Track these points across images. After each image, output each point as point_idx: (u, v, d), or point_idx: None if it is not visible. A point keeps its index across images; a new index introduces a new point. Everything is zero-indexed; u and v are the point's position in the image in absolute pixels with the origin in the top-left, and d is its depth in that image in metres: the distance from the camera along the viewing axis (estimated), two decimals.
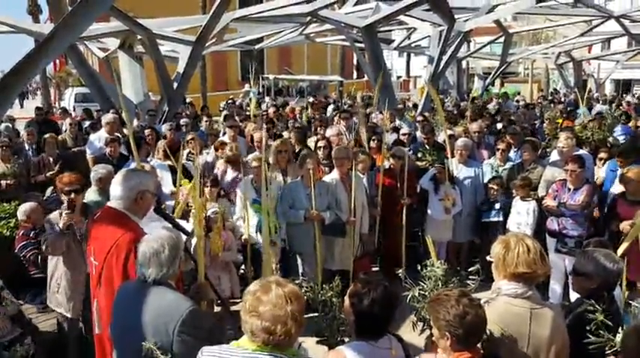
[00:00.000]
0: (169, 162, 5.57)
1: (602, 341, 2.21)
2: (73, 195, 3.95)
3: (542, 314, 2.27)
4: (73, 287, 3.86)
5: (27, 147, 7.80)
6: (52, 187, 5.85)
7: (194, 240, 3.42)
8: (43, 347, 3.75)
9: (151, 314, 2.26)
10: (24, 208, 4.61)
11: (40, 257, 4.35)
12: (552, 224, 4.93)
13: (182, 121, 8.76)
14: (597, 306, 2.31)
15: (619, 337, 2.20)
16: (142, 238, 2.44)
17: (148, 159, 5.87)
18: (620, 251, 3.23)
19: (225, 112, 12.40)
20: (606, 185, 5.64)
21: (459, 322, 2.00)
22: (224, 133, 7.55)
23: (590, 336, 2.24)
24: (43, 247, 3.82)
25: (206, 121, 8.96)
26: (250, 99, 12.85)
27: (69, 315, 3.96)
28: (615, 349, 2.17)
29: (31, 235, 4.43)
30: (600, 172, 5.99)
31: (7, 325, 3.44)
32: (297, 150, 6.07)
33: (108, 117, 7.46)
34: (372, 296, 2.22)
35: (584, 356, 2.26)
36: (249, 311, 1.78)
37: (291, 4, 11.88)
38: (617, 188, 5.21)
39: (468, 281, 2.74)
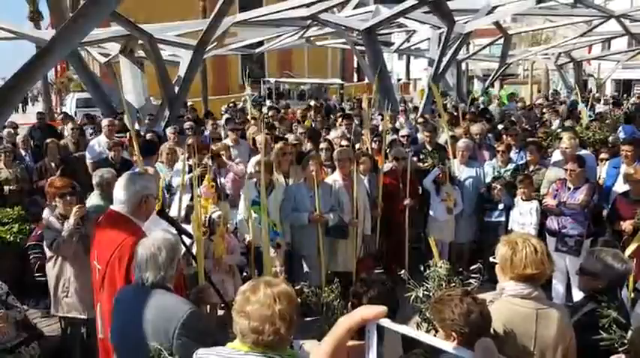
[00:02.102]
0: (193, 161, 5.57)
1: (615, 338, 2.20)
2: (68, 198, 3.97)
3: (549, 315, 2.26)
4: (84, 288, 3.80)
5: (23, 153, 7.80)
6: None
7: None
8: (47, 352, 3.74)
9: (150, 317, 2.26)
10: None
11: (38, 264, 4.36)
12: (552, 223, 4.92)
13: (186, 125, 8.77)
14: (612, 303, 2.30)
15: (630, 334, 2.19)
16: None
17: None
18: (627, 252, 3.22)
19: (226, 116, 12.40)
20: (607, 182, 5.63)
21: (465, 320, 2.00)
22: (226, 136, 7.55)
23: (602, 333, 2.23)
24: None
25: (212, 124, 8.97)
26: (245, 101, 12.82)
27: (84, 316, 3.89)
28: (626, 347, 2.16)
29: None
30: (602, 172, 5.99)
31: (12, 330, 3.45)
32: (308, 150, 6.18)
33: (105, 121, 7.49)
34: (370, 295, 2.21)
35: (592, 356, 2.25)
36: (238, 311, 1.75)
37: (292, 8, 11.90)
38: (619, 186, 5.21)
39: (471, 281, 2.74)
